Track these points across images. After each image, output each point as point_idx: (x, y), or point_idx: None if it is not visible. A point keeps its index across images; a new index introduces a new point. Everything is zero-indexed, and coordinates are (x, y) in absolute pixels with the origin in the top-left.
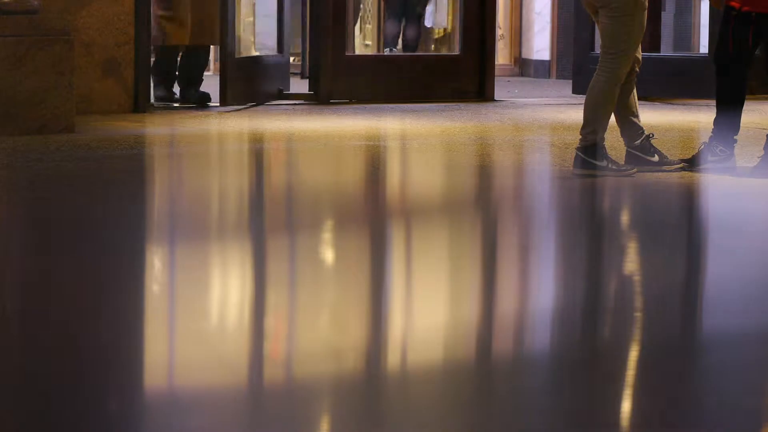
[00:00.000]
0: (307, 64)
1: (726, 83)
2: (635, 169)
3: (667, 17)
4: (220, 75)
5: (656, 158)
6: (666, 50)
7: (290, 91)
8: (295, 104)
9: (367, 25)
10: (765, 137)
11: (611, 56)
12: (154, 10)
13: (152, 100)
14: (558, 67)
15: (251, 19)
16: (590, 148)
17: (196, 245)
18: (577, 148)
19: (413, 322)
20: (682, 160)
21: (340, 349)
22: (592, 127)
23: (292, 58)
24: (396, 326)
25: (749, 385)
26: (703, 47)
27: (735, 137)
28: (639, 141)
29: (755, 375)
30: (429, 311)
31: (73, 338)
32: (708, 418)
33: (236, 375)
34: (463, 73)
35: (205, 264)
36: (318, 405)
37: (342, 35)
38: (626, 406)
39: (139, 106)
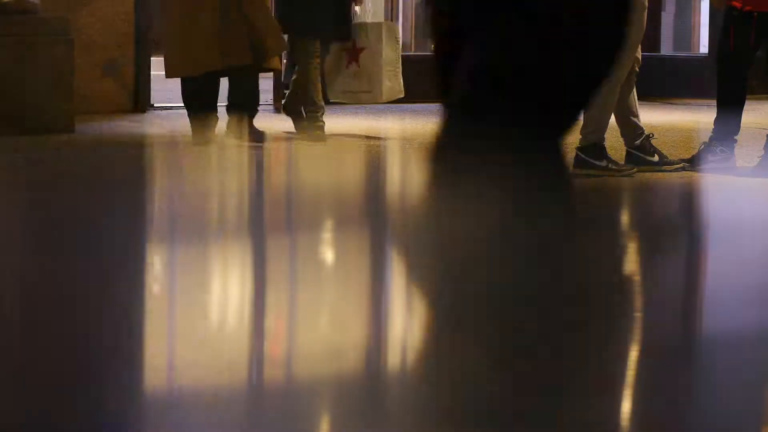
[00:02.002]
0: None
1: (726, 83)
2: (635, 169)
3: (667, 17)
4: None
5: (656, 158)
6: (666, 50)
7: None
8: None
9: None
10: (765, 137)
11: None
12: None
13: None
14: None
15: None
16: (590, 148)
17: (196, 245)
18: (578, 148)
19: (414, 323)
20: (682, 160)
21: (340, 349)
22: (592, 127)
23: None
24: (396, 326)
25: (749, 385)
26: (703, 47)
27: (735, 137)
28: (639, 141)
29: (755, 375)
30: (429, 311)
31: (72, 338)
32: (708, 418)
33: (236, 375)
34: None
35: (206, 264)
36: (318, 405)
37: None
38: (626, 406)
39: (139, 106)
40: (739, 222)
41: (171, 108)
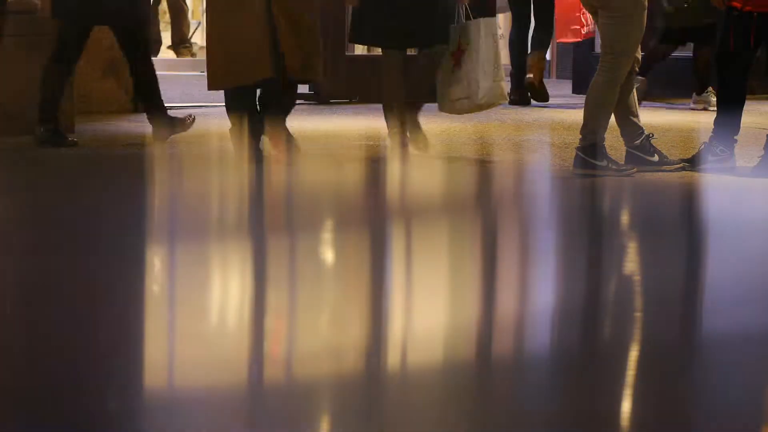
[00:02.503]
0: None
1: (726, 83)
2: (635, 169)
3: None
4: None
5: (656, 158)
6: None
7: None
8: (295, 104)
9: None
10: (765, 137)
11: (611, 56)
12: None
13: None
14: (558, 67)
15: None
16: (590, 147)
17: (196, 245)
18: (578, 148)
19: (414, 323)
20: (682, 160)
21: (340, 349)
22: (592, 127)
23: None
24: (396, 326)
25: (749, 385)
26: None
27: (735, 137)
28: (639, 141)
29: (755, 375)
30: (429, 311)
31: (72, 338)
32: (708, 418)
33: (236, 375)
34: None
35: (205, 264)
36: (318, 405)
37: (341, 35)
38: (626, 406)
39: (139, 106)
40: (739, 222)
41: (171, 108)
